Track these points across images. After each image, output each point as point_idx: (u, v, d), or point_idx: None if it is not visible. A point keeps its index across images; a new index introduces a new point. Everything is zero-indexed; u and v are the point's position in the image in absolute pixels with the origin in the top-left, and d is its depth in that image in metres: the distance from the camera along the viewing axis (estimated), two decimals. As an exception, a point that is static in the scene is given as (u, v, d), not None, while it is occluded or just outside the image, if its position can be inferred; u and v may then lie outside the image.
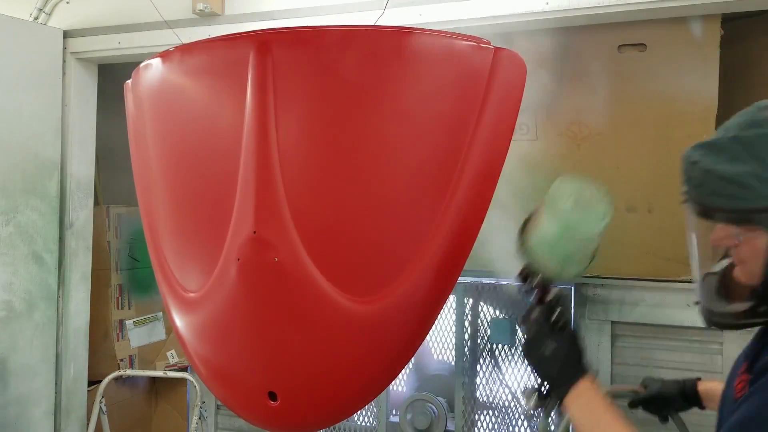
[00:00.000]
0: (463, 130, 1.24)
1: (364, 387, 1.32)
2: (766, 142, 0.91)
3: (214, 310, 1.25)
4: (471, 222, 1.30)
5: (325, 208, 1.17)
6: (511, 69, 1.30)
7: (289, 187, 1.12)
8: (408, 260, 1.22)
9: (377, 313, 1.20)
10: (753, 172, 0.90)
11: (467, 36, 1.27)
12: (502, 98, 1.28)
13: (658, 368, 2.10)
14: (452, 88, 1.24)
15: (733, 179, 0.92)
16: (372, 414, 2.57)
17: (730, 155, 0.93)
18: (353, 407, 1.49)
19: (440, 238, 1.24)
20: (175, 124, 1.32)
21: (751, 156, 0.91)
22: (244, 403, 1.36)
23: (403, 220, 1.22)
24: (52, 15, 2.62)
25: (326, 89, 1.16)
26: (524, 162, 2.12)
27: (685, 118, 1.99)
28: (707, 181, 0.96)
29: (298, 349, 1.22)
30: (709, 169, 0.96)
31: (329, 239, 1.17)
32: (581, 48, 2.08)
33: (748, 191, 0.90)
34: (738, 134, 0.95)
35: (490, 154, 1.29)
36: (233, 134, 1.15)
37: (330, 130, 1.16)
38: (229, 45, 1.21)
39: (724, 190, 0.93)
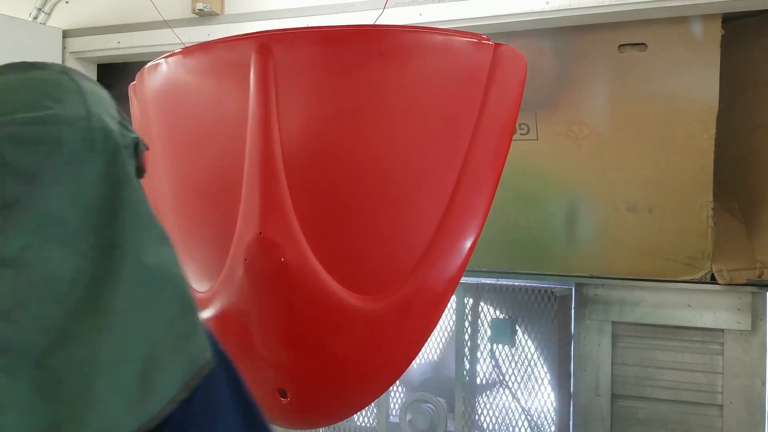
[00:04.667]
0: (464, 125, 1.24)
1: (372, 383, 1.33)
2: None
3: (222, 310, 1.26)
4: (474, 220, 1.30)
5: (330, 208, 1.17)
6: (511, 64, 1.30)
7: (293, 188, 1.12)
8: (413, 258, 1.22)
9: (384, 311, 1.20)
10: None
11: (468, 33, 1.27)
12: (503, 93, 1.28)
13: (658, 368, 2.10)
14: (453, 85, 1.24)
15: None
16: (372, 415, 2.57)
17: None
18: (361, 403, 1.50)
19: (444, 237, 1.24)
20: (179, 127, 1.32)
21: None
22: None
23: (408, 218, 1.22)
24: (52, 14, 2.62)
25: (328, 89, 1.16)
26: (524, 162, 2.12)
27: (686, 117, 1.99)
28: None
29: (306, 346, 1.23)
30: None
31: (335, 238, 1.17)
32: (581, 48, 2.08)
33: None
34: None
35: (491, 149, 1.29)
36: (237, 136, 1.16)
37: (332, 130, 1.16)
38: (231, 47, 1.21)
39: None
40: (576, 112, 2.09)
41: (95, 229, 0.57)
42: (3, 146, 0.55)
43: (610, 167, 2.08)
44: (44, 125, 0.56)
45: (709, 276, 2.01)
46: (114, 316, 0.55)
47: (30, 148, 0.55)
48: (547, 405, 2.25)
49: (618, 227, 2.09)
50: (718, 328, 2.04)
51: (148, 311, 0.58)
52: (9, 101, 0.58)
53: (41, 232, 0.55)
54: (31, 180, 0.55)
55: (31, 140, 0.56)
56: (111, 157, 0.60)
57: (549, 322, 2.19)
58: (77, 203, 0.57)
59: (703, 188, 1.99)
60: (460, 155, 1.24)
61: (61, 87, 0.60)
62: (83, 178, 0.58)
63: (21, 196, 0.55)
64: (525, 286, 2.23)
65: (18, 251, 0.54)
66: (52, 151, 0.56)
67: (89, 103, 0.60)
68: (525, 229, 2.17)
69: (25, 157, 0.55)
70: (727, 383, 2.02)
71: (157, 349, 0.57)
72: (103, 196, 0.58)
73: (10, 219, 0.54)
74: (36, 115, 0.56)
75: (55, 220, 0.56)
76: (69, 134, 0.57)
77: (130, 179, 0.61)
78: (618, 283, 2.11)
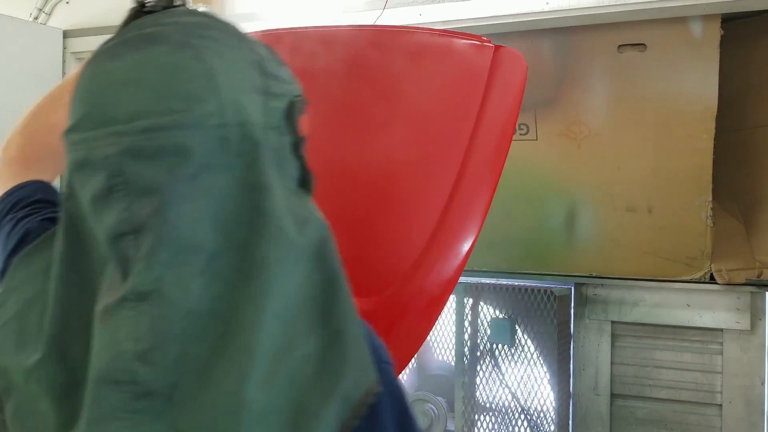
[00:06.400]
0: (464, 128, 1.24)
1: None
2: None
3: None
4: (473, 221, 1.30)
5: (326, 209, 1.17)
6: (512, 66, 1.30)
7: (289, 188, 1.13)
8: (411, 259, 1.22)
9: (381, 312, 1.20)
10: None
11: (468, 34, 1.27)
12: (503, 96, 1.28)
13: (658, 368, 2.10)
14: (453, 87, 1.24)
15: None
16: (372, 414, 2.56)
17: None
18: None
19: (443, 238, 1.24)
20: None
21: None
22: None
23: (406, 220, 1.22)
24: (52, 15, 2.62)
25: (326, 89, 1.16)
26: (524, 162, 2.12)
27: (685, 118, 1.99)
28: None
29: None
30: None
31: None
32: (581, 48, 2.08)
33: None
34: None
35: (491, 153, 1.29)
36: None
37: (330, 130, 1.16)
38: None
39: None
40: (575, 112, 2.10)
41: (235, 249, 0.48)
42: (123, 162, 0.47)
43: (610, 167, 2.08)
44: (168, 132, 0.47)
45: (708, 276, 2.02)
46: (257, 356, 0.46)
47: (153, 161, 0.46)
48: (546, 404, 2.25)
49: (617, 227, 2.09)
50: (717, 328, 2.04)
51: (293, 347, 0.48)
52: (124, 103, 0.48)
53: (176, 260, 0.46)
54: (158, 200, 0.46)
55: (153, 152, 0.46)
56: (250, 157, 0.49)
57: (548, 321, 2.19)
58: (213, 221, 0.48)
59: (703, 188, 1.99)
60: (459, 157, 1.24)
61: (186, 72, 0.49)
62: (217, 189, 0.48)
63: (149, 220, 0.46)
64: (525, 286, 2.23)
65: (153, 283, 0.46)
66: (178, 163, 0.47)
67: (221, 88, 0.49)
68: (524, 229, 2.17)
69: (149, 172, 0.46)
70: (726, 383, 2.02)
71: (306, 392, 0.48)
72: (242, 207, 0.48)
73: (142, 247, 0.46)
74: (157, 122, 0.47)
75: (190, 244, 0.47)
76: (198, 139, 0.47)
77: (272, 185, 0.50)
78: (617, 282, 2.12)
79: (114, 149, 0.47)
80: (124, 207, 0.47)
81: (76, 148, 0.49)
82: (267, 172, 0.50)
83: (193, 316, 0.47)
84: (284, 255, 0.49)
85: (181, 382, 0.46)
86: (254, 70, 0.53)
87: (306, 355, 0.49)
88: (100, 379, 0.46)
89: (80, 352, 0.49)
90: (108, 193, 0.47)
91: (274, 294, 0.48)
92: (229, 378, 0.46)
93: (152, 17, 0.54)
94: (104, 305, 0.47)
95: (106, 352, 0.46)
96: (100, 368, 0.46)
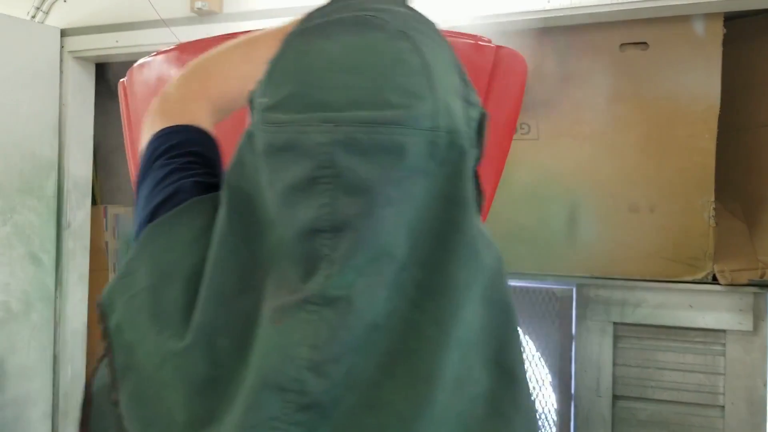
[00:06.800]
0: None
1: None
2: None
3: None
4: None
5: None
6: (512, 67, 1.28)
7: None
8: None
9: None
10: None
11: (468, 34, 1.26)
12: (504, 96, 1.27)
13: (660, 369, 2.09)
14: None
15: None
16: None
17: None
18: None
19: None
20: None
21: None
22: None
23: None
24: (50, 13, 2.60)
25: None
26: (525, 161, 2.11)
27: (688, 117, 1.98)
28: None
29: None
30: None
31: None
32: (582, 47, 2.07)
33: None
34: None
35: (491, 153, 1.28)
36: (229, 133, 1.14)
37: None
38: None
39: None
40: (577, 111, 2.08)
41: (421, 264, 0.44)
42: (336, 153, 0.42)
43: (611, 167, 2.07)
44: (386, 128, 0.42)
45: (710, 276, 2.00)
46: (437, 386, 0.42)
47: (368, 158, 0.42)
48: (548, 406, 2.24)
49: (619, 227, 2.08)
50: (719, 329, 2.02)
51: (467, 383, 0.44)
52: (343, 88, 0.43)
53: (370, 267, 0.42)
54: (366, 200, 0.42)
55: (369, 148, 0.42)
56: (454, 167, 0.45)
57: (550, 322, 2.17)
58: (408, 230, 0.44)
59: (705, 188, 1.98)
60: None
61: (405, 65, 0.44)
62: (416, 196, 0.44)
63: (352, 220, 0.42)
64: (526, 287, 2.22)
65: (344, 289, 0.42)
66: (392, 163, 0.42)
67: (437, 88, 0.44)
68: (525, 229, 2.16)
69: (362, 169, 0.42)
70: (728, 384, 2.01)
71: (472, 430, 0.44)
72: (436, 219, 0.45)
73: (339, 248, 0.42)
74: (378, 115, 0.42)
75: (385, 251, 0.43)
76: (413, 140, 0.43)
77: (470, 201, 0.46)
78: (619, 283, 2.10)
79: (327, 138, 0.42)
80: (326, 202, 0.42)
81: (278, 129, 0.44)
82: (467, 187, 0.46)
83: (371, 330, 0.43)
84: (473, 278, 0.45)
85: (345, 399, 0.42)
86: (456, 73, 0.49)
87: (478, 394, 0.45)
88: (263, 382, 0.42)
89: (228, 346, 0.45)
90: (311, 184, 0.42)
91: (459, 319, 0.44)
92: (402, 404, 0.42)
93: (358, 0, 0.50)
94: (280, 304, 0.43)
95: (275, 356, 0.42)
96: (265, 371, 0.42)
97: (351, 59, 0.44)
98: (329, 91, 0.43)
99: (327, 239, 0.42)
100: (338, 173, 0.42)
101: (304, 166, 0.42)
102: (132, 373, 0.47)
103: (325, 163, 0.42)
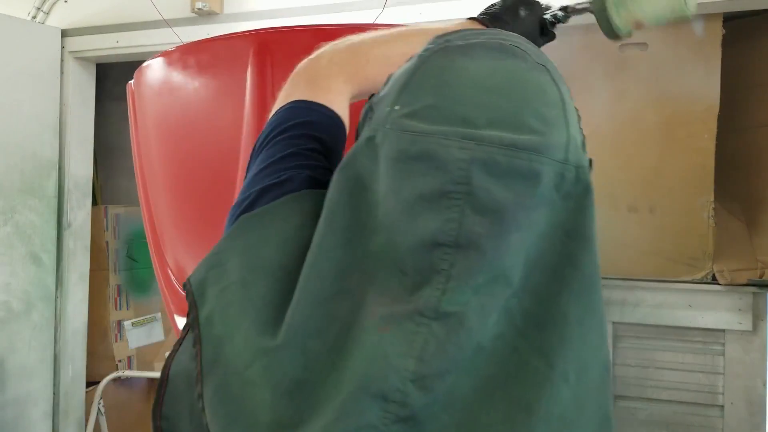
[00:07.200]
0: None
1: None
2: None
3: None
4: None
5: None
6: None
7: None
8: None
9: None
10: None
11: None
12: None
13: (659, 369, 2.09)
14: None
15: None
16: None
17: None
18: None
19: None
20: (177, 125, 1.32)
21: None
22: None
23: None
24: (51, 14, 2.61)
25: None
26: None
27: (687, 117, 1.98)
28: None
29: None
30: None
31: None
32: (582, 47, 2.07)
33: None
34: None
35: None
36: (234, 134, 1.15)
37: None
38: (229, 44, 1.20)
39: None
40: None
41: (531, 292, 0.44)
42: (474, 170, 0.42)
43: (611, 167, 2.07)
44: (526, 153, 0.42)
45: (710, 276, 2.00)
46: (531, 416, 0.42)
47: (504, 181, 0.42)
48: (547, 406, 2.24)
49: (619, 227, 2.08)
50: (719, 329, 2.03)
51: (575, 426, 0.44)
52: (484, 106, 0.43)
53: (487, 289, 0.42)
54: (496, 222, 0.42)
55: (508, 171, 0.42)
56: (576, 204, 0.46)
57: (549, 322, 2.18)
58: (525, 258, 0.44)
59: (705, 188, 1.98)
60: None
61: (545, 96, 0.45)
62: (539, 226, 0.44)
63: (478, 240, 0.42)
64: (525, 286, 2.22)
65: (458, 306, 0.42)
66: (527, 190, 0.43)
67: (569, 123, 0.46)
68: (525, 229, 2.16)
69: (497, 191, 0.42)
70: (728, 384, 2.01)
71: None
72: (553, 251, 0.45)
73: (459, 265, 0.42)
74: (519, 139, 0.42)
75: (503, 275, 0.43)
76: (547, 169, 0.43)
77: (592, 238, 0.47)
78: (619, 283, 2.11)
79: (466, 154, 0.42)
80: (454, 217, 0.42)
81: (414, 137, 0.43)
82: (588, 224, 0.47)
83: (476, 351, 0.42)
84: (589, 318, 0.45)
85: (441, 417, 0.42)
86: (575, 110, 0.48)
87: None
88: (364, 389, 0.41)
89: (320, 349, 0.44)
90: (440, 197, 0.42)
91: (568, 357, 0.43)
92: (497, 430, 0.41)
93: (496, 31, 0.51)
94: (387, 312, 0.42)
95: (379, 363, 0.41)
96: (367, 378, 0.41)
97: (493, 81, 0.45)
98: (470, 108, 0.43)
99: (447, 254, 0.42)
100: (471, 191, 0.42)
101: (438, 179, 0.42)
102: (219, 367, 0.46)
103: (460, 179, 0.42)
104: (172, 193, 1.34)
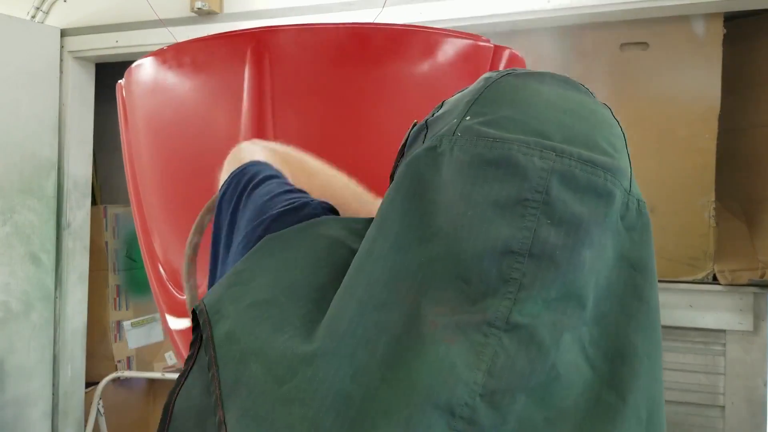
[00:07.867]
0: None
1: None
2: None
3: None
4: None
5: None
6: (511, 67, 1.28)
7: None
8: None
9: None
10: None
11: (466, 34, 1.25)
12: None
13: (660, 370, 2.08)
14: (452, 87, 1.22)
15: None
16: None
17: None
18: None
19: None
20: (169, 124, 1.30)
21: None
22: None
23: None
24: (50, 13, 2.61)
25: (323, 88, 1.14)
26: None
27: (688, 117, 1.98)
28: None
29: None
30: None
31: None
32: (583, 47, 2.07)
33: None
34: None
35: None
36: (229, 134, 1.14)
37: (327, 129, 1.15)
38: (226, 43, 1.19)
39: None
40: (577, 111, 2.08)
41: (599, 323, 0.43)
42: (553, 180, 0.42)
43: (612, 167, 2.07)
44: (603, 172, 0.43)
45: (711, 276, 2.00)
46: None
47: (581, 196, 0.42)
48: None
49: (619, 227, 2.08)
50: (719, 329, 2.02)
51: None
52: (560, 125, 0.44)
53: (559, 305, 0.41)
54: (572, 234, 0.41)
55: (586, 187, 0.42)
56: (640, 235, 0.45)
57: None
58: (596, 283, 0.43)
59: (705, 188, 1.98)
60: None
61: (612, 127, 0.47)
62: (607, 251, 0.43)
63: (553, 251, 0.41)
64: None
65: (529, 318, 0.40)
66: (601, 208, 0.43)
67: (629, 158, 0.48)
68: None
69: (574, 204, 0.42)
70: (728, 384, 2.01)
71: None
72: (617, 281, 0.44)
73: (531, 275, 0.40)
74: (596, 158, 0.43)
75: (576, 294, 0.41)
76: (619, 193, 0.44)
77: (654, 273, 0.46)
78: (619, 283, 2.10)
79: (547, 164, 0.42)
80: (530, 226, 0.41)
81: (492, 143, 0.43)
82: (653, 259, 0.46)
83: (552, 379, 0.40)
84: (655, 352, 0.43)
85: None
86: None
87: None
88: (429, 401, 0.38)
89: (368, 361, 0.41)
90: (517, 204, 0.41)
91: (639, 392, 0.41)
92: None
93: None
94: (452, 323, 0.40)
95: (445, 375, 0.39)
96: (432, 390, 0.39)
97: (566, 105, 0.46)
98: (547, 124, 0.44)
99: (519, 263, 0.40)
100: (549, 201, 0.41)
101: (516, 186, 0.42)
102: (242, 388, 0.42)
103: (539, 187, 0.41)
104: (164, 194, 1.33)
